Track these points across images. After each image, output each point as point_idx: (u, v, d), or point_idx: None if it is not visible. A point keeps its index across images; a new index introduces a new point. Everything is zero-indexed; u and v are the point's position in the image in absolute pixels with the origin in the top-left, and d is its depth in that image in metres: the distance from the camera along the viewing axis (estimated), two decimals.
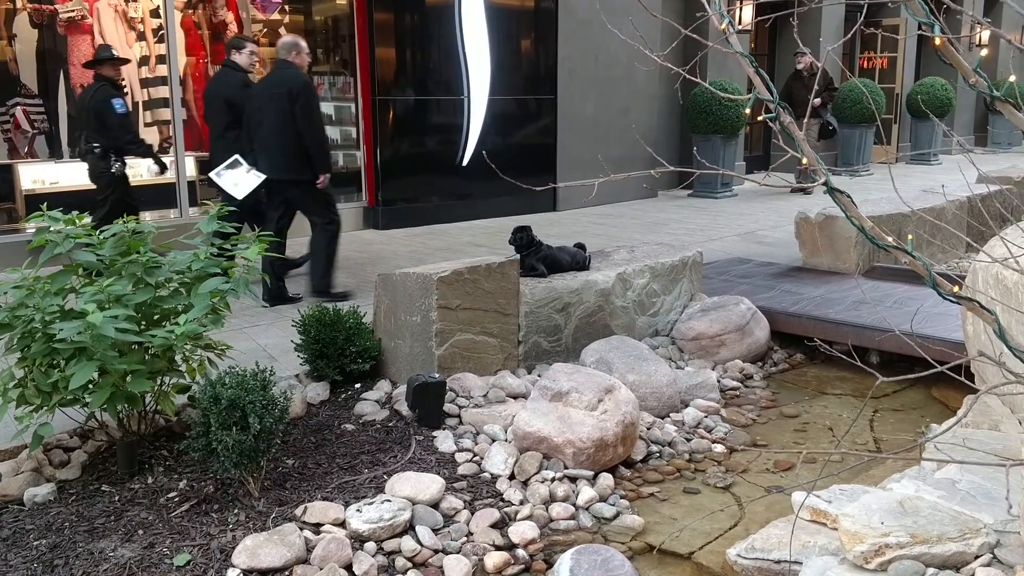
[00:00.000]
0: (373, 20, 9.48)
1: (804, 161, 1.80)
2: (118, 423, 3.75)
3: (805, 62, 12.45)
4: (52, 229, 3.76)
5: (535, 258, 5.30)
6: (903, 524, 2.93)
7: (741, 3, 12.41)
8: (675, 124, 12.90)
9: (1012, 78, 2.10)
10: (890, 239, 1.80)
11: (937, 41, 1.78)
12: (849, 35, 2.64)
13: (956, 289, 1.82)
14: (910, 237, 1.84)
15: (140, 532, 3.33)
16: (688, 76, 1.99)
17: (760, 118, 1.97)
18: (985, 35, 16.45)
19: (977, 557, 2.87)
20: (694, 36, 1.94)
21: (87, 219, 3.91)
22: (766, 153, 15.27)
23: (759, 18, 12.29)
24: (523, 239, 5.34)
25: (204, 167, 10.19)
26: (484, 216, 10.28)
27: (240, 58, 7.00)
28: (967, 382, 2.26)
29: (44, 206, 3.82)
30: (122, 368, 3.47)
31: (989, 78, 2.02)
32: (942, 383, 5.00)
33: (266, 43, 11.07)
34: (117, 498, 3.57)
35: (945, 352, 3.27)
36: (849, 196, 1.85)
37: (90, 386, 3.50)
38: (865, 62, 17.40)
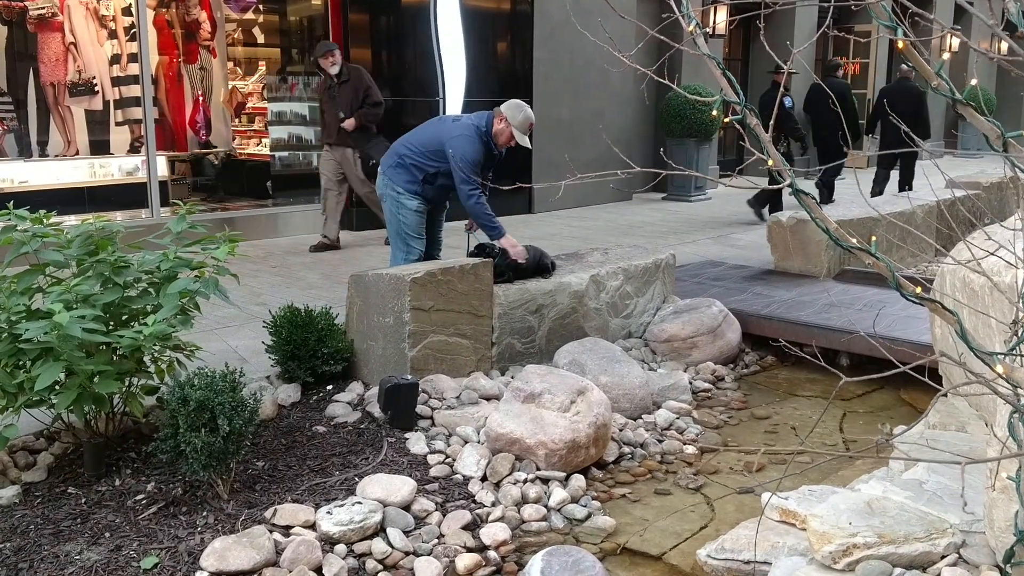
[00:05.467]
0: (348, 21, 9.45)
1: (770, 163, 1.82)
2: (85, 424, 3.71)
3: (333, 61, 8.40)
4: (19, 228, 3.72)
5: (502, 264, 5.20)
6: (871, 524, 2.96)
7: (715, 7, 12.49)
8: (649, 127, 12.95)
9: (974, 81, 2.12)
10: (854, 240, 1.82)
11: (900, 44, 1.80)
12: (814, 38, 2.66)
13: (918, 290, 1.84)
14: (873, 239, 1.86)
15: (107, 535, 3.29)
16: (656, 78, 2.00)
17: (727, 120, 1.98)
18: (955, 42, 16.64)
19: (943, 557, 2.90)
20: (662, 38, 1.95)
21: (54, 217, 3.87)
22: (739, 157, 15.37)
23: (729, 18, 12.29)
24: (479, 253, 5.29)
25: (176, 166, 10.13)
26: (459, 218, 10.26)
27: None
28: (932, 383, 2.28)
29: (11, 204, 3.77)
30: (89, 369, 3.44)
31: (959, 84, 2.05)
32: (911, 385, 5.04)
33: (240, 42, 11.03)
34: (84, 500, 3.53)
35: (913, 354, 3.30)
36: (814, 198, 1.87)
37: (57, 387, 3.46)
38: None
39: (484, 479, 3.90)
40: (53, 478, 3.73)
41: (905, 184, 11.42)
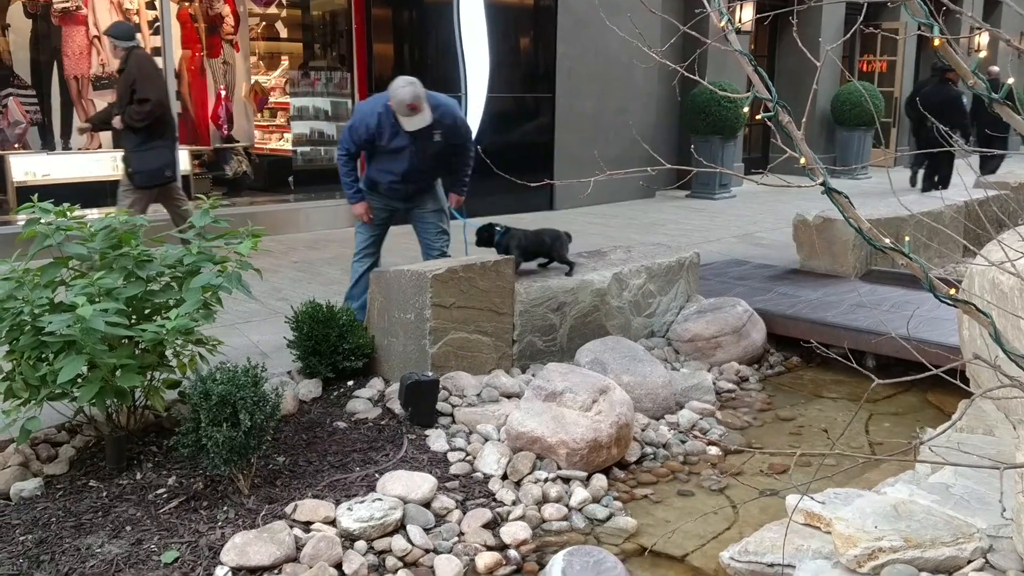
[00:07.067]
0: (371, 15, 9.45)
1: (802, 161, 1.78)
2: (107, 418, 3.72)
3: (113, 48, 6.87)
4: (43, 221, 3.73)
5: (511, 243, 5.32)
6: (897, 528, 2.91)
7: (741, 3, 12.39)
8: (673, 124, 12.87)
9: (1011, 80, 2.08)
10: (887, 240, 1.78)
11: (936, 42, 1.76)
12: (848, 35, 2.61)
13: (952, 292, 1.79)
14: (907, 239, 1.82)
15: (128, 528, 3.30)
16: (687, 74, 1.96)
17: (759, 117, 1.94)
18: (984, 40, 16.44)
19: (970, 562, 2.86)
20: (693, 34, 1.91)
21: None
22: (764, 154, 15.26)
23: (758, 16, 12.19)
24: (484, 235, 5.44)
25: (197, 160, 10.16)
26: (480, 214, 10.20)
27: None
28: (963, 386, 2.24)
29: (35, 197, 3.79)
30: (112, 362, 3.44)
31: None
32: (938, 388, 4.98)
33: (263, 36, 11.06)
34: (105, 494, 3.54)
35: (941, 356, 3.25)
36: (847, 197, 1.83)
37: (79, 380, 3.46)
38: (864, 65, 17.39)
39: (504, 477, 3.88)
40: (75, 471, 3.74)
41: (991, 172, 12.31)
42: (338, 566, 3.16)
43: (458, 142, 5.35)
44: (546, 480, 3.84)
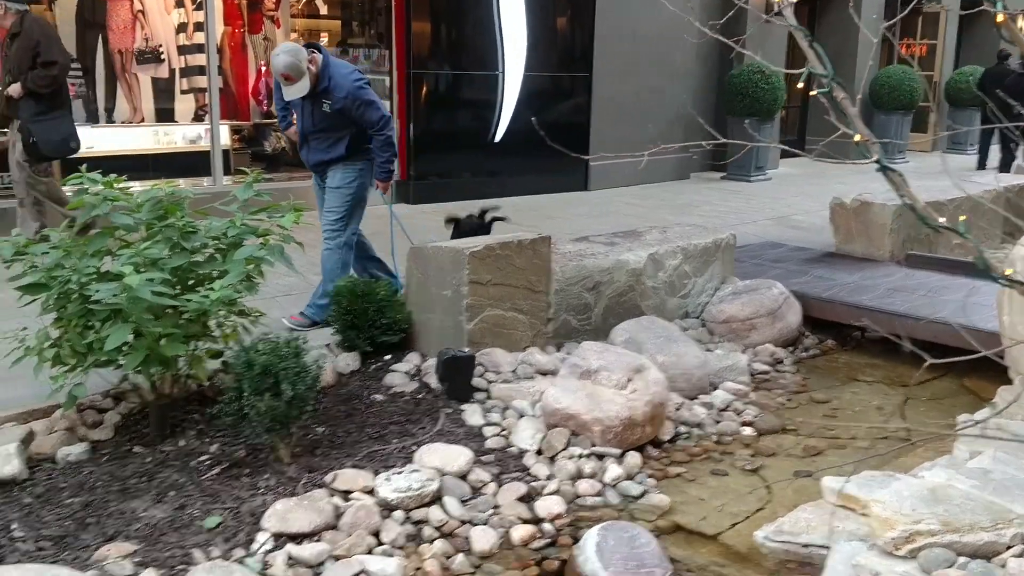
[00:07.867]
0: None
1: (857, 138, 1.77)
2: (151, 386, 3.79)
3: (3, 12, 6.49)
4: (90, 191, 3.79)
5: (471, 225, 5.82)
6: (935, 512, 2.91)
7: None
8: (710, 105, 12.76)
9: None
10: (941, 220, 1.78)
11: (1000, 18, 1.74)
12: (899, 18, 2.59)
13: (1009, 272, 1.79)
14: (962, 218, 1.82)
15: (172, 494, 3.37)
16: (740, 49, 1.96)
17: (813, 92, 1.94)
18: None
19: (1009, 547, 2.85)
20: (747, 7, 1.91)
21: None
22: (801, 137, 15.10)
23: None
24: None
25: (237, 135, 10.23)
26: (515, 194, 10.19)
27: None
28: (1011, 367, 2.23)
29: (84, 168, 3.85)
30: (157, 331, 3.50)
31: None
32: (975, 373, 4.94)
33: (303, 13, 11.06)
34: (149, 460, 3.62)
35: (982, 341, 3.22)
36: (901, 175, 1.82)
37: (125, 348, 3.53)
38: (904, 48, 17.12)
39: (539, 453, 3.91)
40: (119, 437, 3.82)
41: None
42: (376, 534, 3.21)
43: (359, 120, 5.12)
44: (580, 456, 3.87)
